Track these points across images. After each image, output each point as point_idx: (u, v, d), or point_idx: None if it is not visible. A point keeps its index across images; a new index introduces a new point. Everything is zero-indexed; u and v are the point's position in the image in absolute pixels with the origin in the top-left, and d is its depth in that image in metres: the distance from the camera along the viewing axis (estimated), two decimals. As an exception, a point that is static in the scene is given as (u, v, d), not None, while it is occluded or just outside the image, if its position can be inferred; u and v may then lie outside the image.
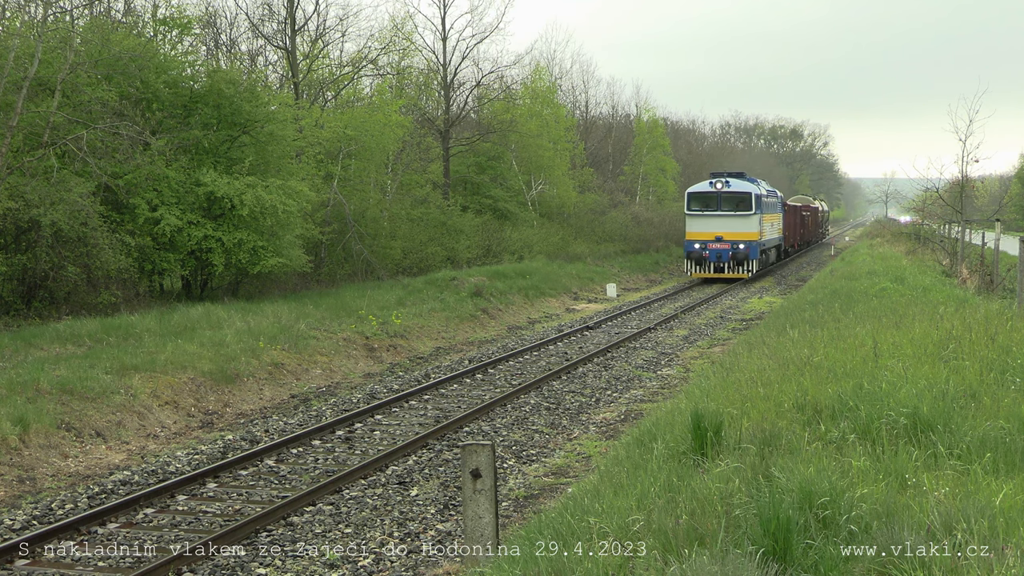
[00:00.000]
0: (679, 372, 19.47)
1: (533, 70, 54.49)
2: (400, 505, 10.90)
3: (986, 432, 8.67)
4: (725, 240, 41.49)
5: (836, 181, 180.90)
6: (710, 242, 41.57)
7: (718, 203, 41.98)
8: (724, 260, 41.42)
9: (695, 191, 43.21)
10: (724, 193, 42.09)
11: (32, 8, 26.62)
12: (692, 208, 42.55)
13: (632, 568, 6.42)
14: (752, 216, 41.82)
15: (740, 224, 41.78)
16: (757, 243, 41.79)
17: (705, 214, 42.05)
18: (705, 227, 41.90)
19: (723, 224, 41.76)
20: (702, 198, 42.51)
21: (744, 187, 42.41)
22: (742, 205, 41.85)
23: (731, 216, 41.77)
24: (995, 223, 34.41)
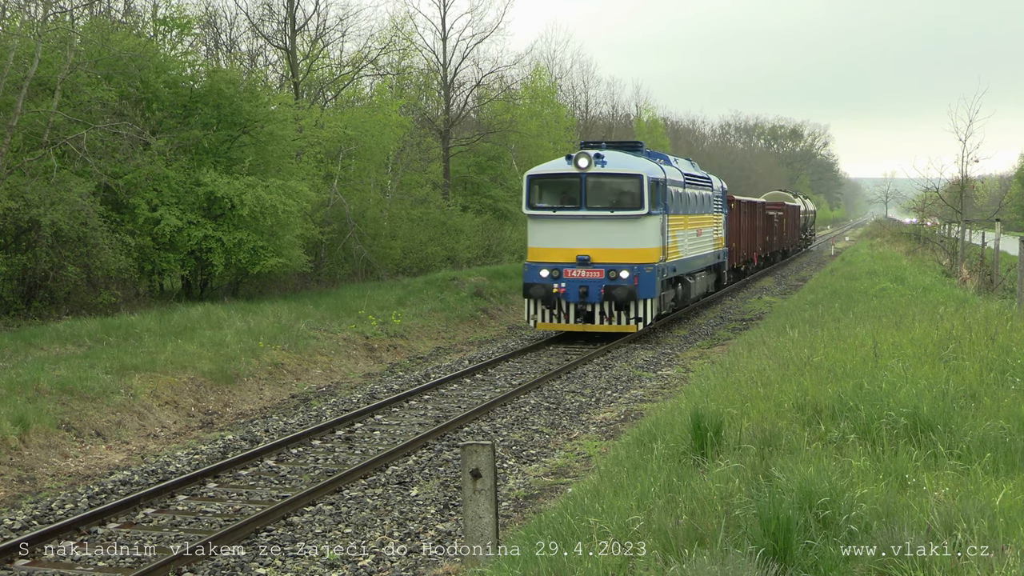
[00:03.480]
0: (679, 372, 19.46)
1: (533, 70, 54.51)
2: (400, 505, 10.90)
3: (986, 432, 8.68)
4: (594, 263, 22.34)
5: (836, 181, 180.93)
6: (568, 266, 22.36)
7: (582, 194, 22.54)
8: (592, 300, 22.20)
9: (541, 173, 23.39)
10: (592, 176, 22.60)
11: (32, 8, 26.62)
12: (537, 204, 22.95)
13: (632, 568, 6.42)
14: (644, 219, 22.46)
15: (622, 233, 22.47)
16: (656, 268, 22.56)
17: (559, 215, 22.63)
18: (559, 238, 22.61)
19: (591, 233, 22.50)
20: (555, 185, 23.08)
21: (630, 166, 22.91)
22: (625, 199, 22.58)
23: (605, 219, 22.45)
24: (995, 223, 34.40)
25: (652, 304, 22.45)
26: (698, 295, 28.61)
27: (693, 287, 27.15)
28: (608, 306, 22.33)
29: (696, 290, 27.73)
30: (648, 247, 22.50)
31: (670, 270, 23.96)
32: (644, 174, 22.29)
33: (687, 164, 29.68)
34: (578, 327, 22.59)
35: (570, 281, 22.17)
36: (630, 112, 73.10)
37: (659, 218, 23.09)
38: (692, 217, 26.88)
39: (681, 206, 25.46)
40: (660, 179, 23.32)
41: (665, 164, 25.27)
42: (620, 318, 22.32)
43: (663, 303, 23.53)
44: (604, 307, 22.35)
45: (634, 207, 22.28)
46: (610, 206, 22.41)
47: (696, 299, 29.05)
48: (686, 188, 26.30)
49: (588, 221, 22.37)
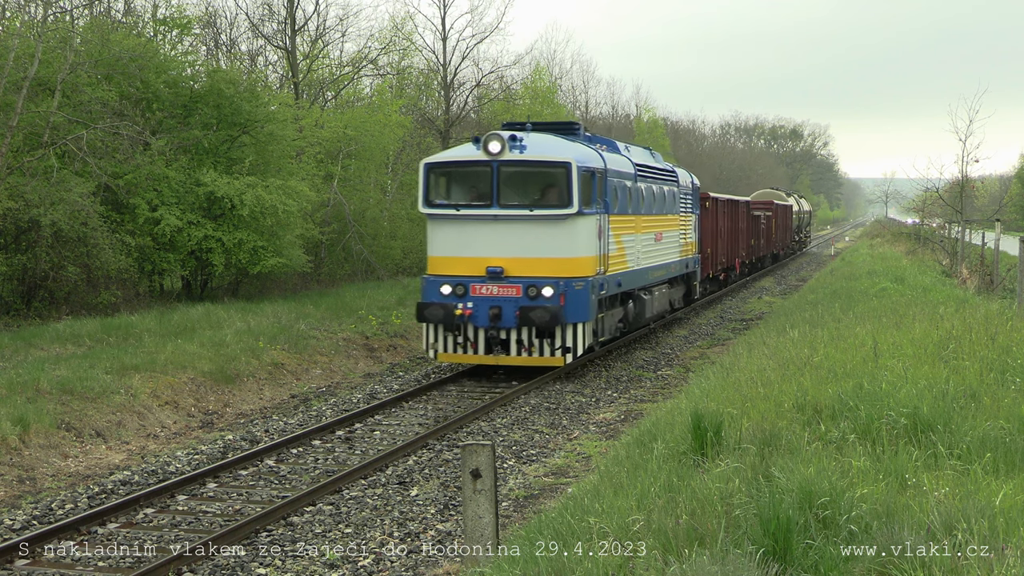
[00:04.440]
0: (679, 372, 19.47)
1: (533, 70, 54.51)
2: (400, 505, 10.90)
3: (986, 432, 8.68)
4: (509, 277, 17.41)
5: (836, 181, 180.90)
6: (476, 281, 17.52)
7: (494, 188, 17.51)
8: (506, 324, 17.39)
9: (442, 161, 18.42)
10: (506, 165, 17.56)
11: (32, 8, 26.62)
12: (437, 201, 18.06)
13: (632, 568, 6.42)
14: (574, 220, 17.42)
15: (545, 238, 17.49)
16: (590, 282, 17.63)
17: (464, 215, 17.71)
18: (464, 245, 17.73)
19: (505, 239, 17.58)
20: (459, 177, 18.30)
21: (555, 151, 17.82)
22: (550, 195, 17.67)
23: (523, 220, 17.48)
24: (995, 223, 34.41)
25: (584, 329, 17.34)
26: (658, 313, 23.40)
27: (649, 304, 21.95)
28: (527, 332, 17.28)
29: (655, 307, 22.56)
30: (579, 256, 17.32)
31: (613, 284, 18.83)
32: (572, 162, 16.97)
33: (643, 153, 24.35)
34: (488, 359, 17.50)
35: (478, 300, 17.17)
36: (630, 112, 73.18)
37: (595, 219, 17.77)
38: (648, 218, 21.72)
39: (632, 204, 20.34)
40: (597, 169, 18.01)
41: (610, 151, 20.30)
42: (542, 348, 17.28)
43: (602, 327, 18.54)
44: (521, 334, 17.28)
45: (560, 204, 17.07)
46: (530, 203, 17.28)
47: (656, 318, 23.86)
48: (639, 182, 20.94)
49: (501, 223, 17.25)
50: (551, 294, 17.04)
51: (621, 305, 20.09)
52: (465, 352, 17.69)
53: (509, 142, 17.40)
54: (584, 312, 17.32)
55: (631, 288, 20.44)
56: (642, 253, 21.25)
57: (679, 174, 25.80)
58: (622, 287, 19.60)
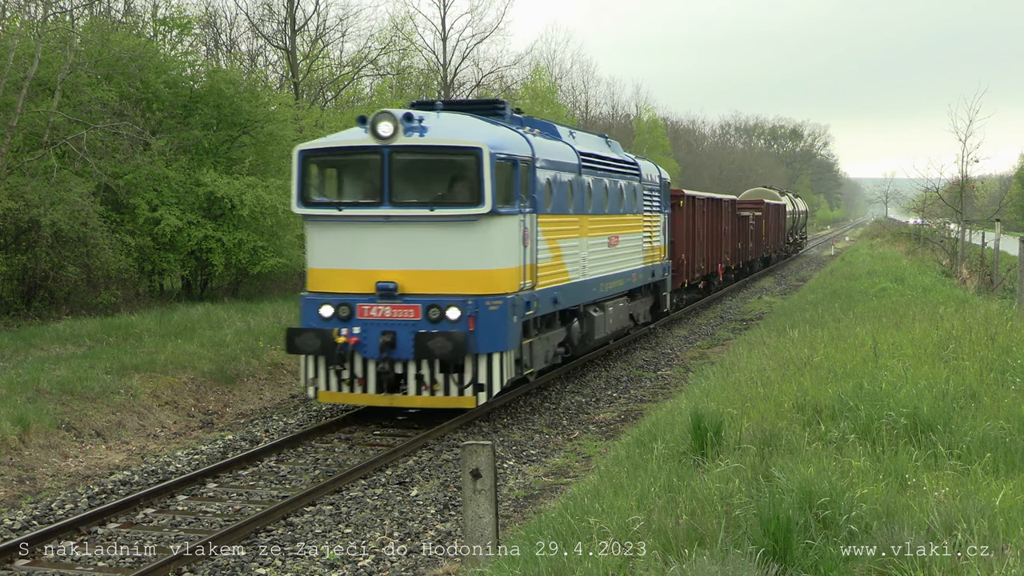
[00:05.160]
0: (679, 372, 19.47)
1: (533, 70, 54.52)
2: (400, 505, 10.91)
3: (986, 432, 8.68)
4: (405, 295, 13.80)
5: (836, 181, 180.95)
6: (364, 300, 13.89)
7: (384, 182, 13.81)
8: (402, 355, 13.69)
9: (320, 148, 14.66)
10: (400, 152, 13.85)
11: (32, 8, 26.63)
12: (315, 198, 14.47)
13: (632, 568, 6.42)
14: (487, 222, 13.77)
15: (450, 245, 13.88)
16: (511, 301, 13.99)
17: (348, 216, 14.10)
18: (349, 254, 14.15)
19: (400, 246, 13.94)
20: (342, 167, 14.88)
21: (462, 134, 14.22)
22: (457, 190, 14.06)
23: (422, 222, 13.82)
24: (995, 223, 34.42)
25: (503, 361, 13.75)
26: (616, 331, 19.62)
27: (602, 322, 18.11)
28: (429, 366, 13.64)
29: (610, 325, 18.71)
30: (495, 267, 13.69)
31: (546, 301, 15.26)
32: (483, 147, 13.37)
33: (594, 141, 20.31)
34: (380, 400, 13.82)
35: (367, 324, 13.57)
36: (630, 112, 73.19)
37: (516, 220, 14.11)
38: (599, 219, 18.09)
39: (574, 202, 16.70)
40: (521, 158, 14.30)
41: (546, 136, 16.68)
42: (448, 385, 13.61)
43: (530, 355, 14.86)
44: (421, 367, 13.66)
45: (469, 202, 13.51)
46: (431, 201, 13.65)
47: (613, 337, 20.23)
48: (585, 175, 17.24)
49: (395, 226, 13.65)
50: (457, 316, 13.38)
51: (562, 325, 16.58)
52: (352, 390, 13.91)
53: (404, 123, 13.68)
54: (500, 338, 13.61)
55: (575, 304, 16.85)
56: (590, 261, 17.50)
57: (642, 167, 21.93)
58: (560, 304, 15.93)
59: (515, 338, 14.09)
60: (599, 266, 18.19)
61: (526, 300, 14.43)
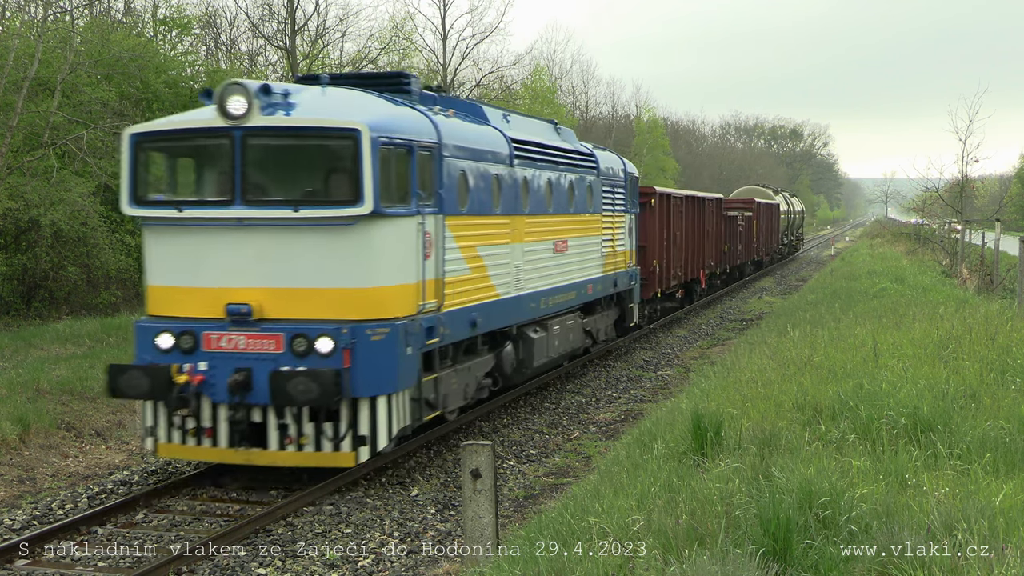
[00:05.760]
0: (679, 372, 19.47)
1: (533, 70, 54.50)
2: (400, 505, 10.91)
3: (986, 432, 8.69)
4: (263, 321, 10.73)
5: (836, 181, 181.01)
6: (211, 327, 10.76)
7: (236, 174, 10.71)
8: (259, 400, 10.61)
9: (156, 131, 11.49)
10: (256, 135, 10.74)
11: (32, 8, 26.64)
12: (150, 196, 11.36)
13: (632, 568, 6.43)
14: (368, 225, 10.68)
15: (318, 256, 10.77)
16: (403, 326, 10.87)
17: (190, 218, 11.06)
18: (194, 268, 11.07)
19: (256, 258, 10.83)
20: (185, 154, 11.76)
21: (335, 113, 11.01)
22: (334, 184, 11.00)
23: (283, 226, 10.75)
24: (995, 223, 34.44)
25: (392, 406, 10.86)
26: (564, 353, 16.84)
27: (544, 344, 15.42)
28: (297, 414, 10.70)
29: (555, 347, 16.01)
30: (381, 284, 10.83)
31: (460, 325, 12.38)
32: (362, 129, 10.44)
33: (536, 126, 17.09)
34: (234, 456, 10.89)
35: (216, 359, 10.67)
36: (630, 112, 73.16)
37: (412, 223, 11.19)
38: (539, 220, 15.16)
39: (502, 199, 13.77)
40: (420, 143, 11.40)
41: (463, 119, 13.66)
42: (319, 437, 10.70)
43: (439, 393, 11.96)
44: (285, 413, 10.71)
45: (344, 199, 10.60)
46: (295, 199, 10.82)
47: (560, 360, 17.22)
48: (519, 167, 14.34)
49: (249, 232, 10.79)
50: (330, 349, 10.38)
51: (490, 351, 13.85)
52: (199, 443, 10.94)
53: (261, 97, 10.62)
54: (388, 376, 10.65)
55: (505, 325, 13.97)
56: (527, 271, 14.63)
57: (601, 159, 18.81)
58: (482, 326, 13.03)
59: (410, 374, 11.00)
60: (541, 277, 15.19)
61: (428, 325, 11.34)
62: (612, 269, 19.26)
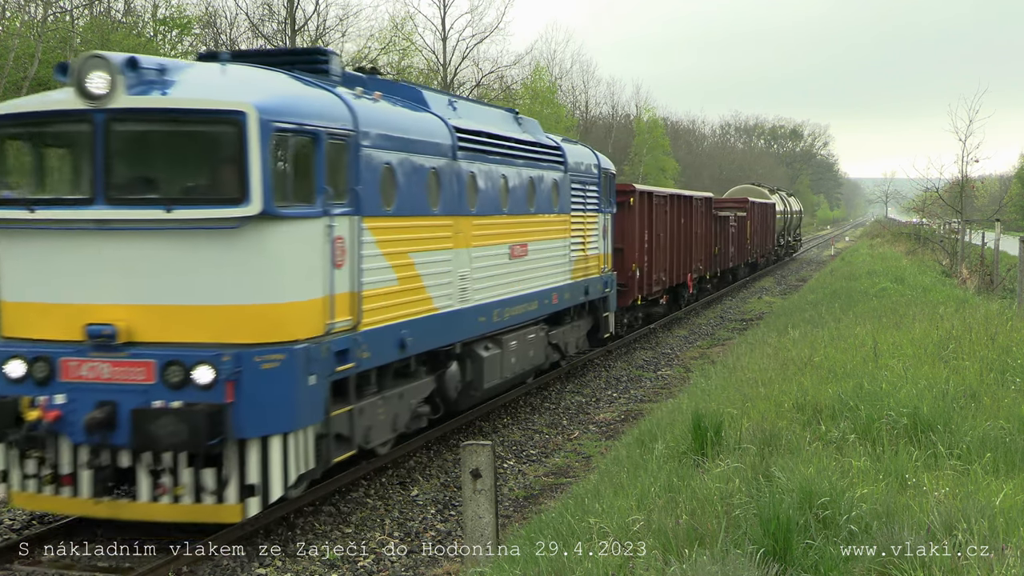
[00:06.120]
0: (679, 372, 19.47)
1: (533, 70, 54.49)
2: (400, 505, 10.91)
3: (986, 432, 8.69)
4: (131, 345, 8.92)
5: (836, 181, 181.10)
6: (68, 351, 8.98)
7: (97, 166, 8.91)
8: (123, 441, 8.78)
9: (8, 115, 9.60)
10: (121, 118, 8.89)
11: (32, 8, 26.65)
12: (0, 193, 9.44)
13: (632, 568, 6.43)
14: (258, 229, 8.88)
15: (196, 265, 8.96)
16: (301, 353, 9.06)
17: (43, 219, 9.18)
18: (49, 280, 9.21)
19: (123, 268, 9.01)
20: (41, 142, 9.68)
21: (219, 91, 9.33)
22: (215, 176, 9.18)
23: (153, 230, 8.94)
24: (995, 223, 34.46)
25: (289, 447, 9.14)
26: (524, 371, 15.06)
27: (495, 363, 13.55)
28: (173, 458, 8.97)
29: (511, 365, 14.18)
30: (276, 300, 9.15)
31: (385, 346, 10.57)
32: (249, 110, 8.79)
33: (494, 116, 15.43)
34: (98, 508, 9.19)
35: (75, 391, 8.98)
36: (630, 112, 73.18)
37: (318, 226, 9.46)
38: (491, 222, 13.39)
39: (443, 198, 11.91)
40: (331, 131, 9.66)
41: (396, 103, 11.92)
42: (199, 488, 8.97)
43: (352, 428, 10.03)
44: (162, 458, 8.96)
45: (226, 197, 8.93)
46: (169, 197, 9.08)
47: (520, 379, 15.41)
48: (464, 160, 12.54)
49: (113, 237, 9.10)
50: (210, 379, 8.69)
51: (429, 374, 12.04)
52: (56, 490, 9.18)
53: (127, 73, 8.87)
54: (284, 412, 8.96)
55: (446, 343, 12.14)
56: (477, 280, 12.90)
57: (570, 153, 17.17)
58: (414, 347, 11.17)
59: (313, 408, 9.25)
60: (493, 287, 13.46)
61: (339, 348, 9.61)
62: (583, 275, 17.47)
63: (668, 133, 76.24)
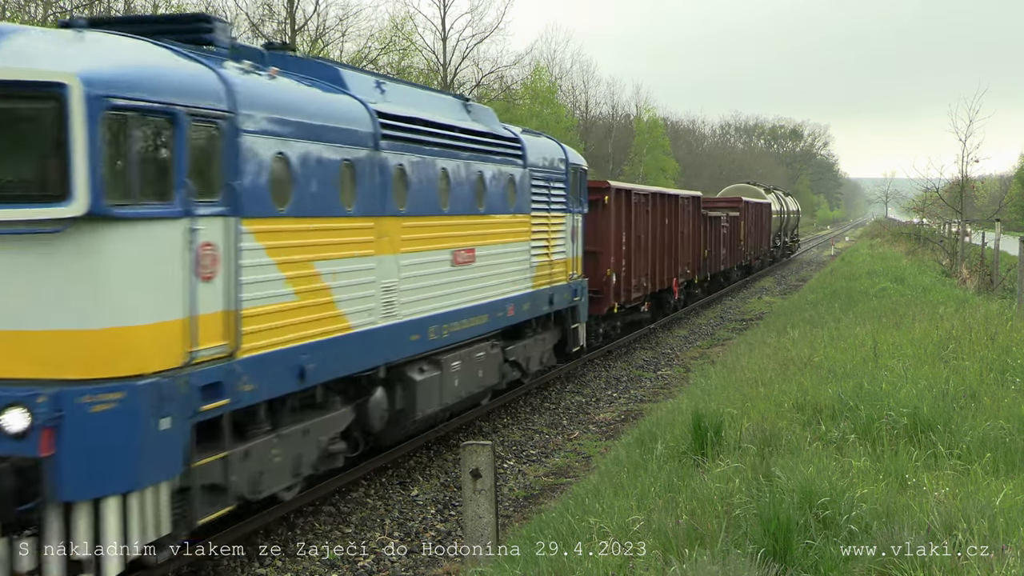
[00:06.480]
0: (679, 372, 19.48)
1: (533, 70, 54.49)
2: (400, 505, 10.91)
3: (986, 432, 8.69)
4: None
5: (836, 181, 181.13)
6: None
7: None
8: None
9: None
10: None
11: (32, 8, 26.65)
12: None
13: (632, 568, 6.43)
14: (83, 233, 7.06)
15: (7, 278, 7.14)
16: (148, 390, 7.23)
17: None
18: None
19: None
20: None
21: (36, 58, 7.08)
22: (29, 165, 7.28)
23: None
24: (995, 223, 34.46)
25: (133, 510, 7.38)
26: (468, 396, 13.17)
27: (433, 387, 11.78)
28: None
29: (453, 389, 12.41)
30: (110, 324, 7.29)
31: (278, 374, 8.85)
32: (73, 84, 6.95)
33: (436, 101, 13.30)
34: None
35: None
36: (630, 112, 73.16)
37: (173, 229, 7.66)
38: (427, 223, 11.57)
39: (358, 195, 10.08)
40: (192, 110, 7.86)
41: (301, 80, 10.24)
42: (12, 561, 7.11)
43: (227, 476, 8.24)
44: None
45: (46, 193, 7.13)
46: None
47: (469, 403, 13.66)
48: (390, 151, 10.73)
49: None
50: (22, 427, 6.99)
51: (346, 403, 10.21)
52: None
53: None
54: (124, 466, 7.25)
55: (365, 368, 10.28)
56: (407, 291, 10.99)
57: (529, 146, 15.16)
58: (315, 374, 9.29)
59: (167, 458, 7.50)
60: (431, 299, 11.61)
61: (206, 381, 7.85)
62: (547, 283, 15.67)
63: (668, 133, 76.28)
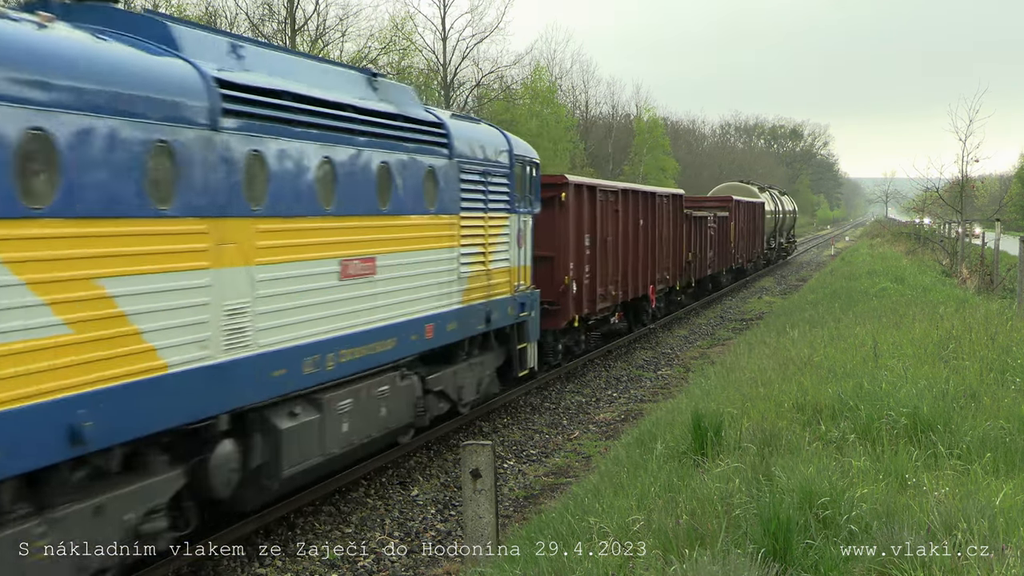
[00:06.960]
0: (679, 372, 19.47)
1: (533, 70, 54.49)
2: (400, 505, 10.91)
3: (986, 432, 8.69)
4: None
5: (836, 181, 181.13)
6: None
7: None
8: None
9: None
10: None
11: (32, 8, 26.62)
12: None
13: (632, 568, 6.43)
14: None
15: None
16: None
17: None
18: None
19: None
20: None
21: None
22: None
23: None
24: (995, 223, 34.46)
25: None
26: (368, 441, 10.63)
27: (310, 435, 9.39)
28: None
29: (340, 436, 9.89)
30: None
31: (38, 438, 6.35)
32: None
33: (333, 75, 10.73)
34: None
35: None
36: (630, 112, 73.17)
37: None
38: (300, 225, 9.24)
39: (192, 189, 7.77)
40: None
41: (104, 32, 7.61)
42: None
43: None
44: None
45: None
46: None
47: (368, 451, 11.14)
48: (238, 132, 8.34)
49: None
50: None
51: (175, 463, 8.03)
52: None
53: None
54: None
55: (197, 417, 7.97)
56: (265, 315, 8.71)
57: (456, 133, 12.68)
58: (100, 437, 6.95)
59: None
60: (306, 322, 9.33)
61: None
62: (483, 296, 13.31)
63: (668, 133, 76.24)
